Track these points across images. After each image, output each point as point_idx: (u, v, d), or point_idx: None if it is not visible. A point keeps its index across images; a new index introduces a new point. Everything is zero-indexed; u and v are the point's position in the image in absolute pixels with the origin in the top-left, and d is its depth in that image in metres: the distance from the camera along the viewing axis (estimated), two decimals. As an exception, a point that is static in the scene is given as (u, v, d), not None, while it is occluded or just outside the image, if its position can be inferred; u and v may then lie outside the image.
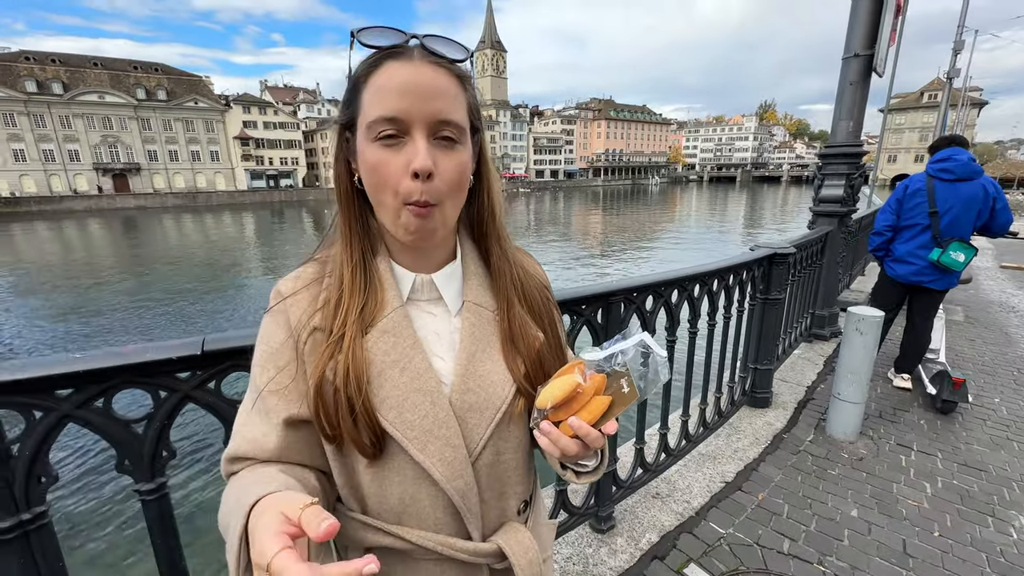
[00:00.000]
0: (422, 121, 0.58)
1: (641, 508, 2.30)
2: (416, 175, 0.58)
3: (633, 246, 25.52)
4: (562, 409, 0.60)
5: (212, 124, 66.17)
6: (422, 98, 0.58)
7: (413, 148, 0.58)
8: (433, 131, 0.59)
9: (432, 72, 0.59)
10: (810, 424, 3.17)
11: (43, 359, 0.95)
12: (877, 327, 2.85)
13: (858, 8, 4.09)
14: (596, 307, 1.81)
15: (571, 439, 0.60)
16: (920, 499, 2.43)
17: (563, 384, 0.60)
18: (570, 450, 0.60)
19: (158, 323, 13.43)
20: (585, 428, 0.59)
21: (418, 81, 0.58)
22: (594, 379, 0.60)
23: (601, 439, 0.61)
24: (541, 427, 0.61)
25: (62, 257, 25.85)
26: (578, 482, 0.73)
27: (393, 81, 0.58)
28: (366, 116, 0.59)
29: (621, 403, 0.60)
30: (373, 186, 0.62)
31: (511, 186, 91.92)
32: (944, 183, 3.34)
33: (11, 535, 0.93)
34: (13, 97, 53.69)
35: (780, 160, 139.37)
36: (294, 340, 0.65)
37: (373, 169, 0.60)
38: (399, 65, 0.58)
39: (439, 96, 0.59)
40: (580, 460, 0.70)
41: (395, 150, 0.59)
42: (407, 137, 0.59)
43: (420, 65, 0.59)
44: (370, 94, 0.59)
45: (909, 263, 3.53)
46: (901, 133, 74.86)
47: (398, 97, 0.57)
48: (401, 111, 0.57)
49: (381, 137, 0.59)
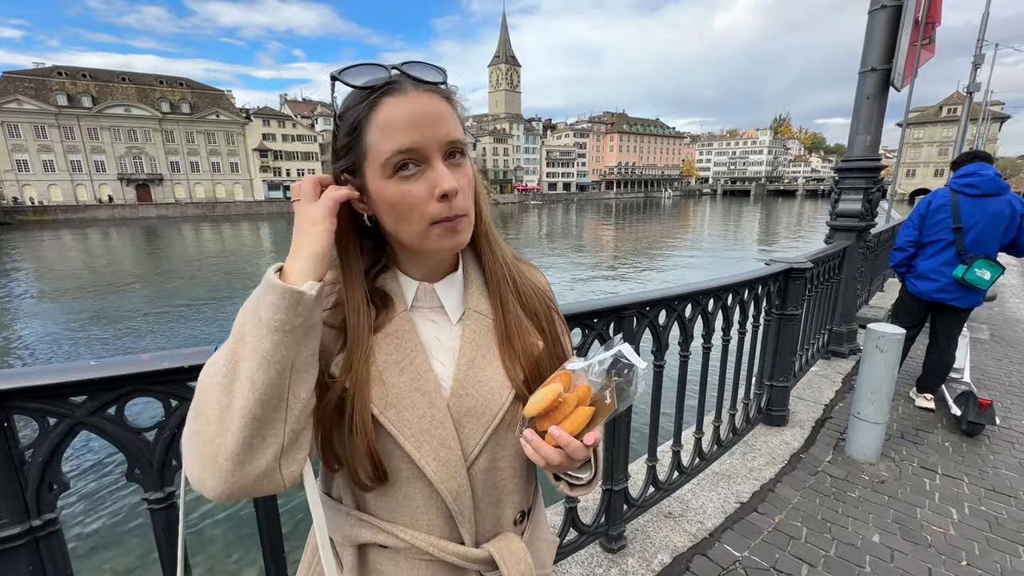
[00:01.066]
0: (436, 146, 0.61)
1: (653, 528, 2.25)
2: (444, 195, 0.61)
3: (646, 260, 25.39)
4: (546, 418, 0.61)
5: (232, 136, 67.98)
6: (431, 125, 0.60)
7: (435, 173, 0.61)
8: (446, 153, 0.62)
9: (429, 99, 0.61)
10: (828, 444, 3.08)
11: (59, 366, 0.96)
12: (898, 345, 2.77)
13: (875, 23, 4.07)
14: (608, 320, 1.79)
15: (553, 448, 0.61)
16: (946, 525, 2.33)
17: (546, 394, 0.61)
18: (552, 459, 0.61)
19: (176, 331, 13.67)
20: (565, 438, 0.59)
21: (422, 110, 0.60)
22: (577, 389, 0.61)
23: (583, 450, 0.61)
24: (524, 435, 0.63)
25: (86, 264, 26.56)
26: (571, 494, 0.74)
27: (399, 115, 0.59)
28: (379, 154, 0.60)
29: (603, 413, 0.61)
30: (397, 219, 0.63)
31: (523, 198, 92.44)
32: (969, 198, 3.27)
33: (21, 541, 0.93)
34: (45, 110, 55.89)
35: (795, 174, 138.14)
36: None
37: (395, 205, 0.62)
38: (397, 100, 0.60)
39: (443, 120, 0.61)
40: (569, 471, 0.70)
41: (415, 180, 0.61)
42: (424, 165, 0.61)
43: (416, 95, 0.60)
44: (377, 133, 0.60)
45: (932, 280, 3.44)
46: (920, 147, 73.85)
47: (409, 130, 0.59)
48: (415, 141, 0.59)
49: (399, 170, 0.60)
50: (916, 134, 73.81)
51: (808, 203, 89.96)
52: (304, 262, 0.57)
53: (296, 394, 0.56)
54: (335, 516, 0.71)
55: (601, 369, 0.61)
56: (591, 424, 0.61)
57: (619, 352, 0.61)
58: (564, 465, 0.63)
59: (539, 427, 0.62)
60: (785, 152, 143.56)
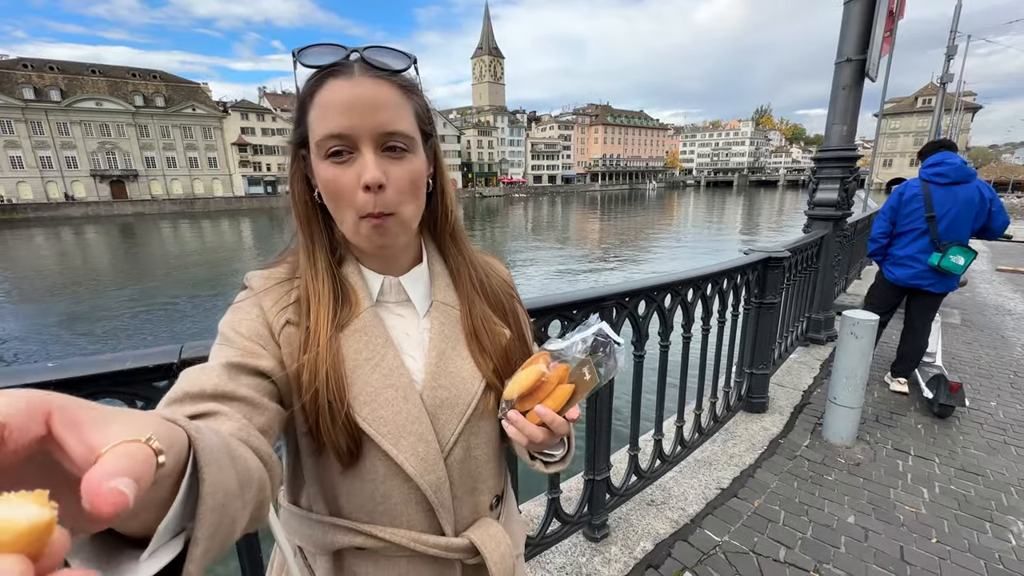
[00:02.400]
0: (368, 135, 0.59)
1: (636, 516, 2.28)
2: (367, 188, 0.59)
3: (631, 251, 25.57)
4: (528, 399, 0.62)
5: (210, 131, 66.29)
6: (365, 112, 0.58)
7: (362, 162, 0.59)
8: (380, 143, 0.60)
9: (372, 85, 0.59)
10: (806, 429, 3.15)
11: (15, 368, 0.93)
12: (872, 330, 2.84)
13: (850, 14, 4.12)
14: (588, 312, 1.79)
15: (537, 427, 0.61)
16: (917, 504, 2.40)
17: (528, 375, 0.61)
18: (536, 437, 0.61)
19: (151, 329, 13.38)
20: (551, 415, 0.60)
21: (359, 96, 0.58)
22: (557, 369, 0.62)
23: (566, 425, 0.62)
24: (508, 416, 0.62)
25: (59, 264, 25.78)
26: (546, 471, 0.74)
27: (336, 98, 0.58)
28: (314, 135, 0.60)
29: (583, 390, 0.62)
30: (330, 202, 0.63)
31: (509, 191, 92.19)
32: (940, 187, 3.35)
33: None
34: (10, 104, 53.74)
35: (776, 164, 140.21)
36: (269, 327, 0.63)
37: (327, 186, 0.61)
38: (340, 83, 0.59)
39: (381, 109, 0.59)
40: (547, 449, 0.71)
41: (346, 166, 0.60)
42: (356, 152, 0.60)
43: (360, 80, 0.59)
44: (316, 113, 0.59)
45: (908, 267, 3.53)
46: (896, 137, 75.39)
47: (341, 114, 0.58)
48: (346, 127, 0.58)
49: (331, 154, 0.60)
50: (893, 124, 75.28)
51: (789, 193, 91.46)
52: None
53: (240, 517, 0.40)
54: (304, 526, 0.69)
55: (583, 347, 0.62)
56: (571, 401, 0.62)
57: (598, 330, 0.62)
58: (546, 442, 0.63)
59: (520, 407, 0.63)
60: (767, 143, 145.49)
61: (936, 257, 3.35)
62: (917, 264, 3.47)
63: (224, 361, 0.56)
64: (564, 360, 0.62)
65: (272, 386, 0.59)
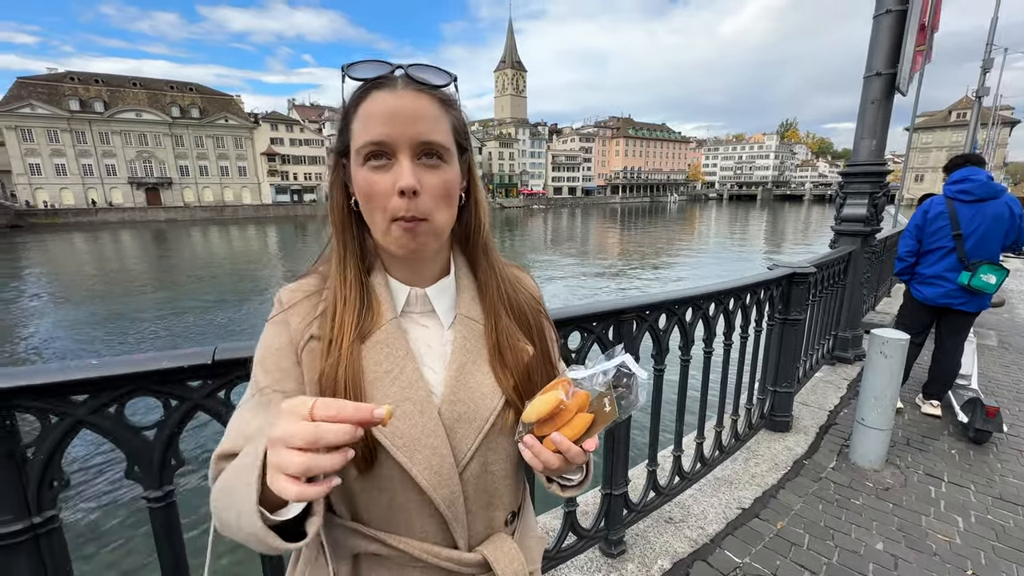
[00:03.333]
0: (406, 143, 0.62)
1: (653, 533, 2.23)
2: (402, 193, 0.61)
3: (651, 264, 25.32)
4: (546, 424, 0.62)
5: (241, 141, 68.66)
6: (405, 123, 0.61)
7: (399, 169, 0.62)
8: (417, 152, 0.63)
9: (413, 98, 0.63)
10: (832, 450, 3.05)
11: (61, 364, 0.98)
12: (902, 350, 2.75)
13: (880, 27, 4.06)
14: (607, 324, 1.79)
15: (553, 454, 0.61)
16: (951, 534, 2.30)
17: (547, 400, 0.61)
18: (552, 464, 0.61)
19: (182, 332, 13.78)
20: (566, 444, 0.60)
21: (400, 107, 0.62)
22: (577, 396, 0.61)
23: (582, 455, 0.62)
24: (525, 440, 0.63)
25: (96, 267, 26.84)
26: (563, 495, 0.75)
27: (378, 108, 0.62)
28: (356, 142, 0.63)
29: (602, 421, 0.62)
30: (365, 207, 0.66)
31: (529, 203, 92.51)
32: (966, 204, 3.26)
33: (23, 538, 0.94)
34: (57, 115, 56.72)
35: (802, 178, 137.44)
36: (294, 346, 0.67)
37: (363, 190, 0.64)
38: (384, 94, 0.62)
39: (420, 120, 0.62)
40: (564, 474, 0.71)
41: (383, 172, 0.62)
42: (394, 159, 0.62)
43: (403, 93, 0.62)
44: (359, 122, 0.63)
45: (937, 285, 3.42)
46: (928, 152, 73.26)
47: (383, 123, 0.61)
48: (386, 135, 0.61)
49: (370, 160, 0.63)
50: (925, 139, 73.24)
51: (816, 208, 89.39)
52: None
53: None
54: (328, 526, 0.70)
55: (604, 380, 0.61)
56: (590, 431, 0.62)
57: (622, 363, 0.61)
58: (561, 469, 0.63)
59: (538, 432, 0.63)
60: (792, 157, 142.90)
61: (966, 276, 3.23)
62: (946, 283, 3.36)
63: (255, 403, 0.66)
64: (585, 389, 0.61)
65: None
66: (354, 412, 0.47)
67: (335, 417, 0.46)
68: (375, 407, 0.48)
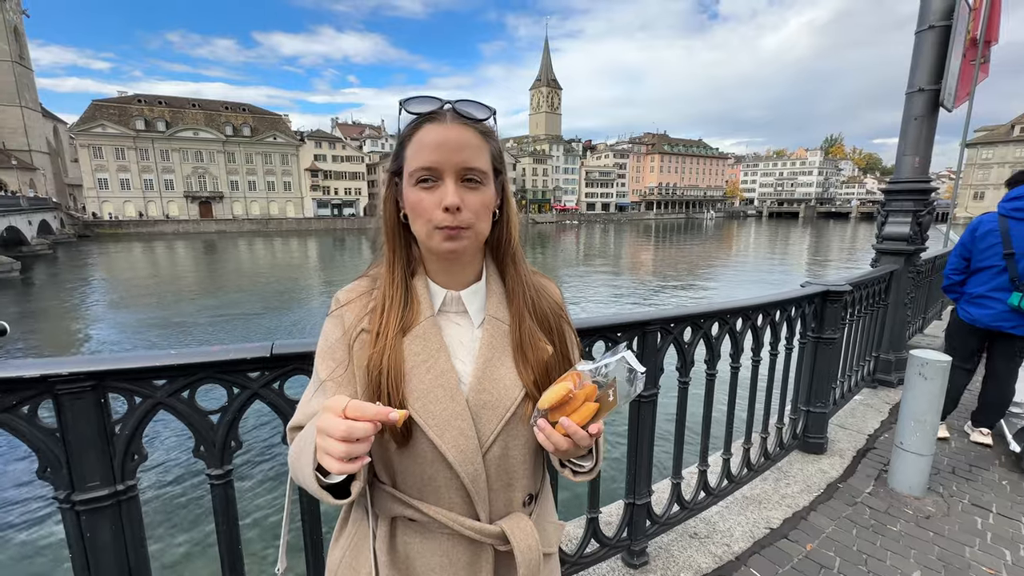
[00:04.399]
0: (451, 168, 0.74)
1: (677, 547, 2.23)
2: (447, 209, 0.73)
3: (684, 282, 24.82)
4: (557, 411, 0.70)
5: (287, 157, 72.38)
6: (451, 151, 0.73)
7: (445, 189, 0.74)
8: (460, 176, 0.74)
9: (459, 130, 0.74)
10: (870, 475, 2.94)
11: (146, 353, 1.13)
12: (943, 372, 2.65)
13: (923, 43, 3.98)
14: (632, 335, 1.84)
15: (562, 436, 0.69)
16: (998, 567, 2.19)
17: (559, 390, 0.70)
18: (561, 445, 0.70)
19: (227, 337, 14.50)
20: (574, 427, 0.68)
21: (448, 138, 0.73)
22: (585, 387, 0.70)
23: (588, 438, 0.70)
24: (538, 423, 0.72)
25: (152, 275, 28.68)
26: (574, 479, 0.83)
27: (429, 139, 0.74)
28: (409, 166, 0.75)
29: (606, 409, 0.70)
30: (413, 219, 0.78)
31: (561, 218, 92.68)
32: (1020, 223, 3.12)
33: (108, 503, 1.09)
34: (125, 134, 61.71)
35: (848, 195, 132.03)
36: (347, 339, 0.79)
37: (413, 206, 0.76)
38: (434, 127, 0.75)
39: (464, 149, 0.74)
40: (574, 458, 0.80)
41: (431, 191, 0.75)
42: (440, 181, 0.74)
43: (450, 126, 0.74)
44: (412, 149, 0.75)
45: (986, 307, 3.26)
46: (989, 168, 69.07)
47: (432, 151, 0.73)
48: (435, 161, 0.73)
49: (420, 181, 0.74)
50: (985, 154, 69.16)
51: (863, 226, 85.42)
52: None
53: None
54: (375, 491, 0.82)
55: (608, 371, 0.70)
56: (595, 417, 0.70)
57: (622, 357, 0.70)
58: (570, 452, 0.72)
59: (551, 418, 0.71)
60: (837, 173, 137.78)
61: (1016, 297, 3.07)
62: (997, 304, 3.20)
63: (318, 390, 0.80)
64: (592, 380, 0.70)
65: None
66: (375, 414, 0.60)
67: (361, 416, 0.59)
68: (391, 411, 0.61)
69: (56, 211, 51.38)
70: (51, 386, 1.02)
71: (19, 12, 63.13)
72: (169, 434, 6.68)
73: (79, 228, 55.55)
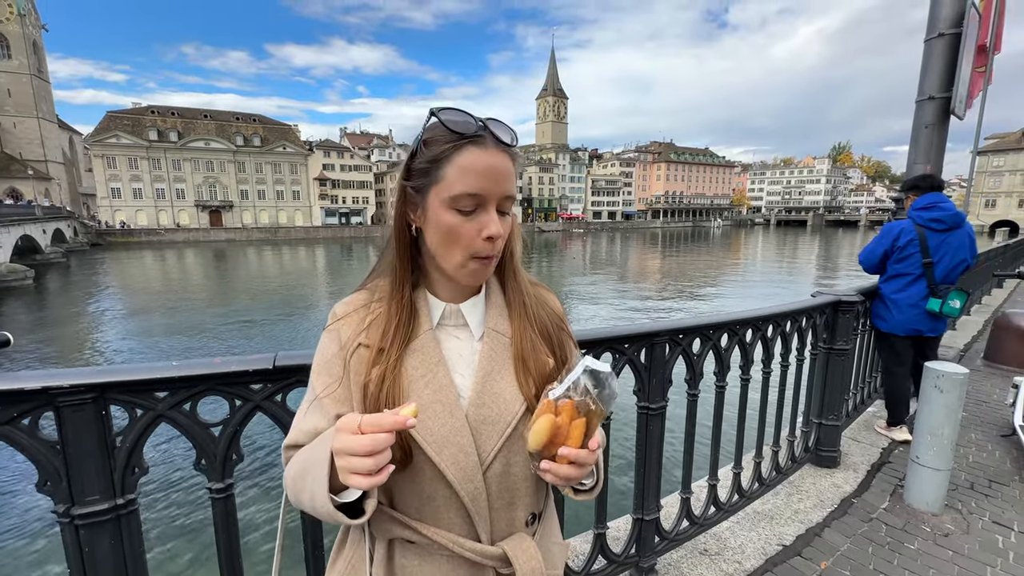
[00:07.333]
0: (495, 197, 0.72)
1: (687, 564, 2.18)
2: (490, 239, 0.72)
3: (692, 290, 24.67)
4: (551, 445, 0.67)
5: (296, 167, 73.20)
6: (497, 180, 0.72)
7: (487, 218, 0.72)
8: (500, 205, 0.74)
9: (502, 158, 0.72)
10: (885, 490, 2.87)
11: (147, 364, 1.12)
12: (961, 385, 2.58)
13: (932, 51, 3.95)
14: (639, 346, 1.81)
15: (567, 466, 0.67)
16: (1021, 588, 2.11)
17: (542, 426, 0.67)
18: (571, 475, 0.67)
19: (236, 345, 14.58)
20: (575, 453, 0.66)
21: (495, 165, 0.71)
22: (565, 409, 0.67)
23: (592, 454, 0.68)
24: (541, 467, 0.68)
25: (162, 283, 28.98)
26: (576, 498, 0.80)
27: (477, 164, 0.70)
28: (449, 188, 0.71)
29: (595, 419, 0.68)
30: (443, 243, 0.74)
31: (568, 227, 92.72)
32: (936, 233, 3.26)
33: (108, 517, 1.08)
34: (138, 144, 62.86)
35: (857, 203, 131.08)
36: (344, 354, 0.77)
37: (448, 231, 0.72)
38: (479, 152, 0.71)
39: (507, 178, 0.73)
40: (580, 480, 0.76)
41: (469, 217, 0.72)
42: (481, 209, 0.72)
43: (495, 152, 0.72)
44: (455, 171, 0.70)
45: (906, 314, 3.36)
46: (1001, 176, 68.39)
47: (480, 178, 0.71)
48: (483, 189, 0.71)
49: (460, 207, 0.71)
50: (996, 162, 68.47)
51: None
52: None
53: None
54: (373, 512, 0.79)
55: (577, 383, 0.66)
56: (588, 433, 0.68)
57: (586, 365, 0.66)
58: (580, 476, 0.69)
59: (546, 454, 0.68)
60: (845, 181, 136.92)
61: (936, 303, 3.25)
62: (914, 311, 3.33)
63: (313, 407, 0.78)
64: (569, 399, 0.67)
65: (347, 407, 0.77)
66: (392, 423, 0.60)
67: (378, 428, 0.59)
68: (407, 417, 0.60)
69: (70, 220, 52.29)
70: (52, 398, 1.01)
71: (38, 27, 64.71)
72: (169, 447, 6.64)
73: (92, 237, 56.42)
